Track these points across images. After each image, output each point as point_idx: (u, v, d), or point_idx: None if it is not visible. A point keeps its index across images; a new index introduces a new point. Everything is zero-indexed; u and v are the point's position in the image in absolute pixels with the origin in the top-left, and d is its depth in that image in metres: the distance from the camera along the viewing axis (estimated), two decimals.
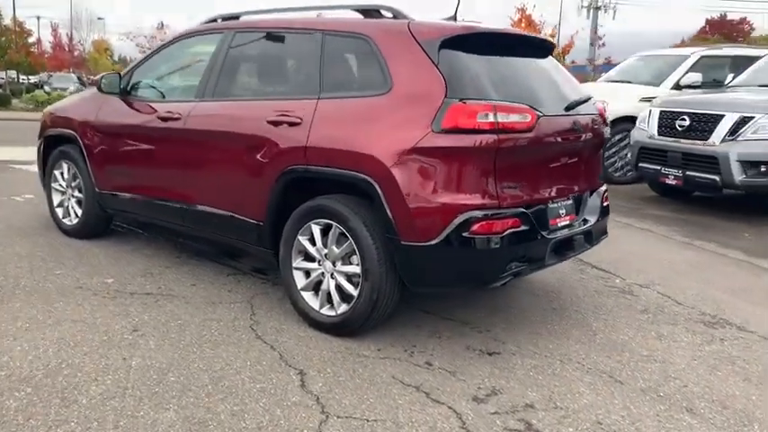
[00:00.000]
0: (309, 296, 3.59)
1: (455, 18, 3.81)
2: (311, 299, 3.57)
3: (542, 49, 3.81)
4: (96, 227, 5.13)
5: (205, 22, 4.48)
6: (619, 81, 10.48)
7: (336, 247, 3.41)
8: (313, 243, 3.53)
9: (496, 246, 3.09)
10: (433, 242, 3.08)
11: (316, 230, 3.48)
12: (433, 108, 3.08)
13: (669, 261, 5.38)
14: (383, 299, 3.29)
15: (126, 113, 4.57)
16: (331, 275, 3.46)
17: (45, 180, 5.37)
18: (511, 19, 30.48)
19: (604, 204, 3.92)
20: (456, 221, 3.04)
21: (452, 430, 2.63)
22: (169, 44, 4.57)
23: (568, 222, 3.56)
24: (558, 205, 3.49)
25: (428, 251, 3.10)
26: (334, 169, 3.35)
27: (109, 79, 4.56)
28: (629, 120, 8.86)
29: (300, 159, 3.46)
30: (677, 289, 4.62)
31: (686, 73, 9.70)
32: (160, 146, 4.31)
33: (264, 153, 3.63)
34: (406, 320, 3.72)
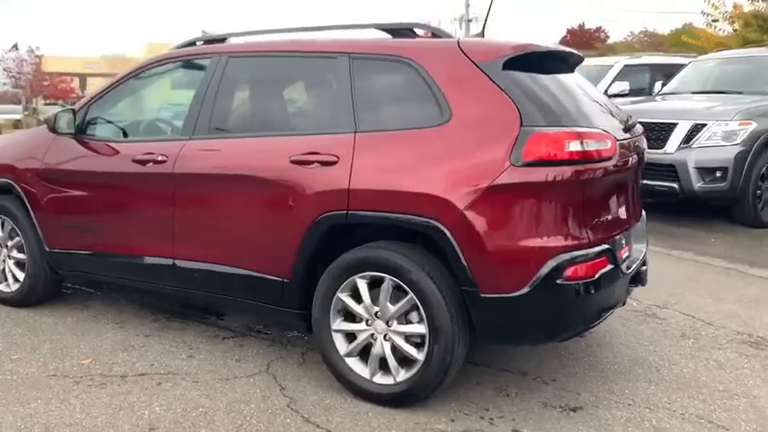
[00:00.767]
0: (355, 363, 3.06)
1: (483, 34, 3.44)
2: (358, 366, 3.05)
3: (573, 64, 3.51)
4: (45, 292, 4.28)
5: (179, 47, 3.81)
6: None
7: (392, 304, 2.91)
8: (358, 300, 3.01)
9: (591, 290, 2.73)
10: (521, 293, 2.67)
11: (362, 286, 2.97)
12: (509, 138, 2.68)
13: (661, 273, 5.26)
14: (456, 361, 2.84)
15: (85, 156, 3.82)
16: (384, 337, 2.96)
17: None
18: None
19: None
20: (546, 268, 2.66)
21: None
22: (135, 73, 3.84)
23: (628, 254, 3.27)
24: (621, 236, 3.19)
25: (514, 303, 2.69)
26: (386, 214, 2.86)
27: (64, 117, 3.78)
28: None
29: (340, 203, 2.94)
30: (695, 307, 4.48)
31: (613, 82, 9.93)
32: (137, 194, 3.61)
33: (289, 198, 3.08)
34: (460, 375, 3.26)
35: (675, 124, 6.99)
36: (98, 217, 3.79)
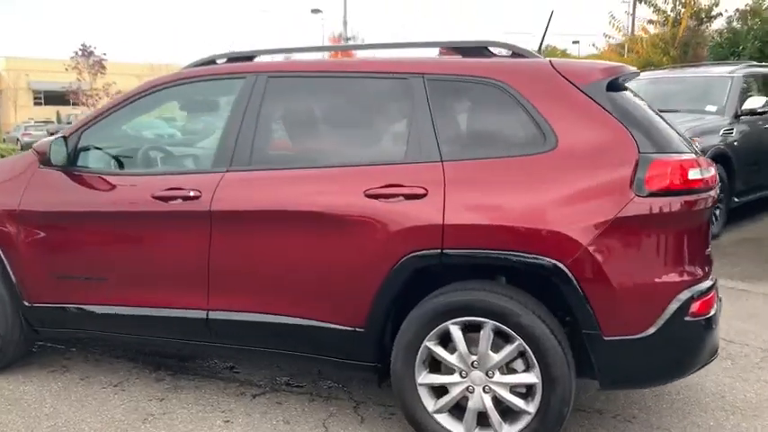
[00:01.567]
0: (446, 419, 2.73)
1: (540, 49, 3.24)
2: (450, 423, 2.72)
3: None
4: (15, 355, 3.58)
5: (195, 65, 3.30)
6: None
7: (494, 352, 2.62)
8: (449, 349, 2.69)
9: (712, 326, 2.59)
10: (648, 333, 2.47)
11: (457, 333, 2.65)
12: (629, 166, 2.48)
13: None
14: (569, 410, 2.59)
15: (80, 193, 3.21)
16: (483, 389, 2.65)
17: None
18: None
19: None
20: (675, 304, 2.48)
21: None
22: (141, 94, 3.25)
23: None
24: None
25: (641, 344, 2.49)
26: (491, 252, 2.57)
27: (58, 147, 3.15)
28: None
29: (433, 241, 2.61)
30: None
31: None
32: (158, 235, 3.07)
33: (366, 237, 2.71)
34: None
35: None
36: (104, 264, 3.18)
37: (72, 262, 3.25)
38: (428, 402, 2.73)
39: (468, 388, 2.67)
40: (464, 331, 2.66)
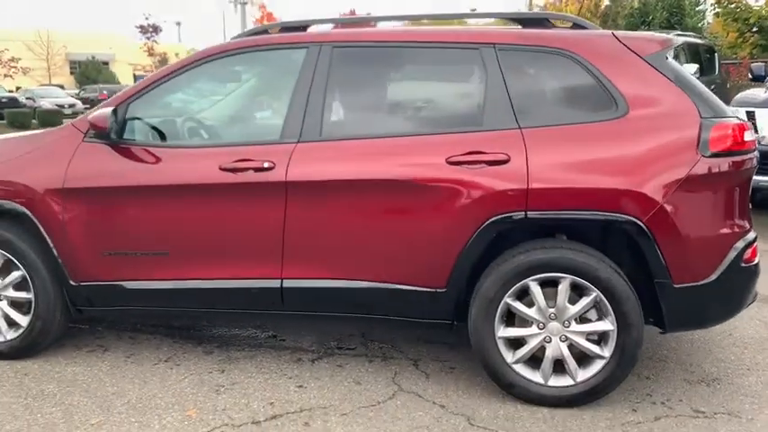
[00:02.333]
0: (523, 369, 2.94)
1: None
2: (527, 372, 2.94)
3: None
4: (56, 336, 3.46)
5: (246, 35, 3.25)
6: None
7: (571, 304, 2.85)
8: (525, 303, 2.89)
9: (757, 272, 2.94)
10: (711, 279, 2.78)
11: (535, 289, 2.85)
12: (693, 130, 2.75)
13: None
14: (641, 351, 2.87)
15: (135, 167, 3.12)
16: (560, 339, 2.88)
17: None
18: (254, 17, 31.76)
19: None
20: (732, 252, 2.80)
21: None
22: (194, 64, 3.17)
23: None
24: None
25: (704, 290, 2.79)
26: (574, 212, 2.77)
27: (110, 119, 3.03)
28: None
29: (517, 204, 2.78)
30: None
31: None
32: (227, 207, 3.05)
33: (449, 202, 2.84)
34: None
35: None
36: (166, 239, 3.13)
37: (126, 238, 3.17)
38: (507, 354, 2.94)
39: (545, 338, 2.90)
40: (541, 286, 2.87)
